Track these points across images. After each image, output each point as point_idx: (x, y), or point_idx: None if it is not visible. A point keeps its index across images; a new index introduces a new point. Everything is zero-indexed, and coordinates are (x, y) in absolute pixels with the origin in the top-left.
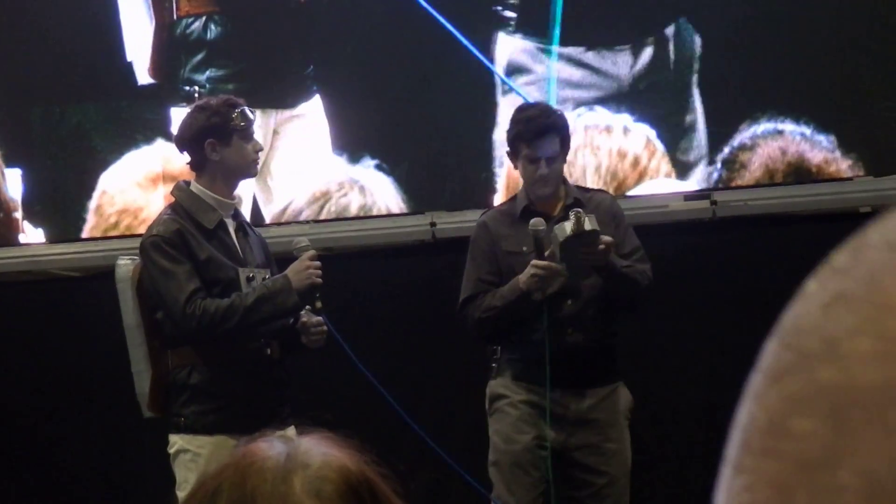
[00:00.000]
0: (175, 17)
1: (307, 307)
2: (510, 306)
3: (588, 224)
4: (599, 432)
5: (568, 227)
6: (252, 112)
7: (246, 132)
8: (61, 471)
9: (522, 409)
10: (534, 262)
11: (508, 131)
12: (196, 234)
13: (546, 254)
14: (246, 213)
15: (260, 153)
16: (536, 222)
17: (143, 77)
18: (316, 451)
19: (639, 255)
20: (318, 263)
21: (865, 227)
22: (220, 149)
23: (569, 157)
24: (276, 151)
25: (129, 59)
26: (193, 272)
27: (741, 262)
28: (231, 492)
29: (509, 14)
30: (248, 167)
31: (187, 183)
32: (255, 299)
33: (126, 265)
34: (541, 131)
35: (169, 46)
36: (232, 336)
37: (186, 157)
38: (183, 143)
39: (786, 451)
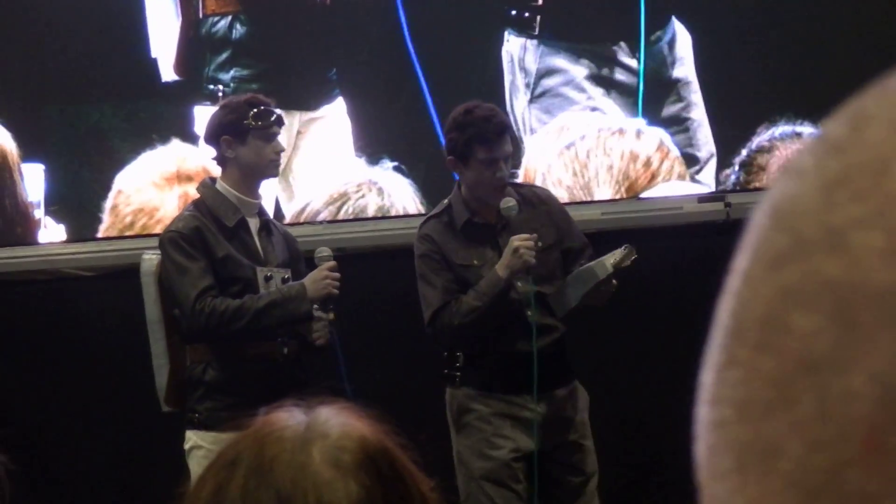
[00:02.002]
0: (201, 15)
1: (318, 309)
2: (493, 302)
3: (629, 260)
4: (573, 430)
5: (609, 262)
6: (275, 112)
7: (264, 132)
8: (73, 469)
9: (495, 423)
10: (515, 239)
11: (456, 135)
12: (216, 231)
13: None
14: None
15: (281, 154)
16: (509, 203)
17: (167, 75)
18: (335, 420)
19: (589, 251)
20: (336, 275)
21: (862, 96)
22: (236, 146)
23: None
24: (298, 151)
25: (153, 55)
26: (208, 270)
27: None
28: (250, 461)
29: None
30: (266, 167)
31: (213, 180)
32: (267, 303)
33: (150, 259)
34: (499, 131)
35: (195, 44)
36: (240, 337)
37: (207, 155)
38: (205, 138)
39: (786, 348)
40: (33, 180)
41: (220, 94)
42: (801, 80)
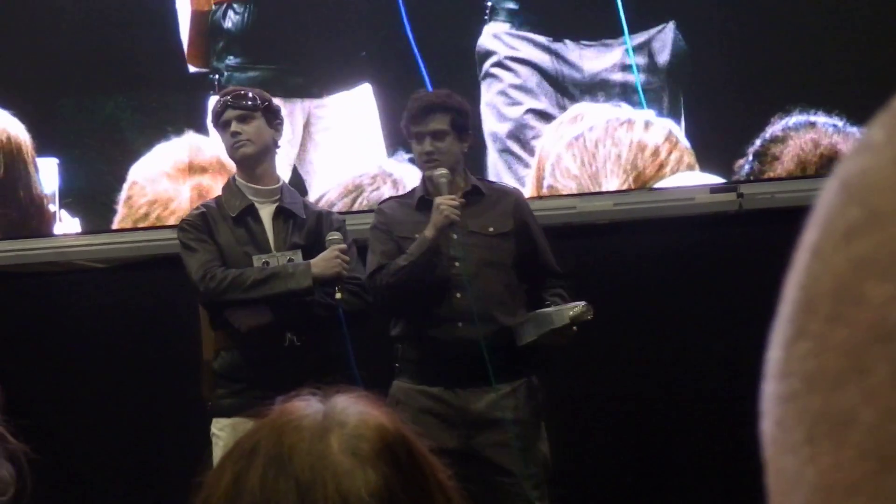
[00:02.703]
0: (213, 4)
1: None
2: (419, 261)
3: (587, 316)
4: (505, 430)
5: (568, 314)
6: (225, 98)
7: (220, 121)
8: (90, 459)
9: (420, 420)
10: (438, 198)
11: (402, 119)
12: (221, 219)
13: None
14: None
15: (237, 137)
16: (439, 170)
17: (180, 66)
18: (352, 409)
19: (550, 258)
20: (347, 257)
21: None
22: (221, 142)
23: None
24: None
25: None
26: (214, 249)
27: (768, 256)
28: (268, 450)
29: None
30: (230, 153)
31: (234, 178)
32: (268, 275)
33: None
34: (426, 108)
35: (210, 34)
36: (245, 306)
37: (218, 147)
38: None
39: (859, 318)
40: (48, 174)
41: (216, 82)
42: (815, 69)
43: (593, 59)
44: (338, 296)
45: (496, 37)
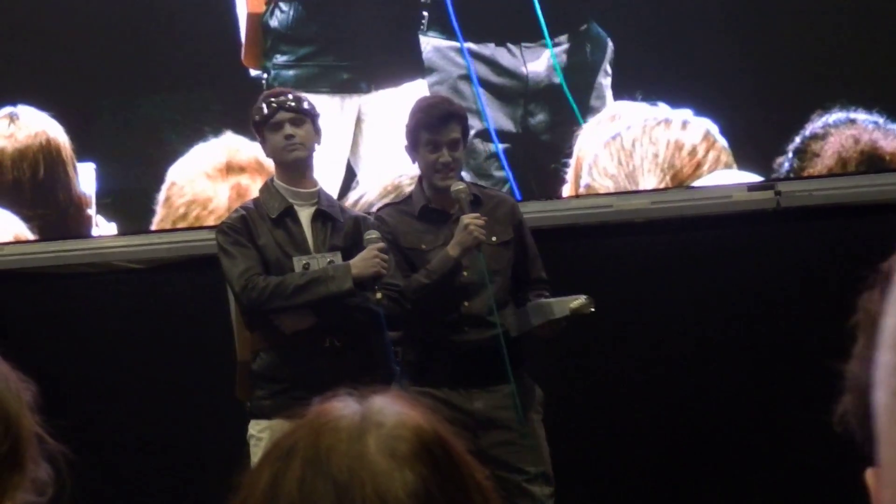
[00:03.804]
0: (265, 6)
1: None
2: (442, 280)
3: (588, 310)
4: (509, 429)
5: (569, 305)
6: (278, 99)
7: (271, 122)
8: (128, 459)
9: None
10: (465, 216)
11: (408, 122)
12: (261, 222)
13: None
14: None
15: (291, 138)
16: (458, 185)
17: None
18: (390, 409)
19: (539, 263)
20: (385, 256)
21: None
22: (265, 144)
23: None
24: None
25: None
26: (254, 254)
27: (806, 253)
28: (305, 451)
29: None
30: (281, 155)
31: (273, 179)
32: (309, 279)
33: None
34: (443, 117)
35: (263, 34)
36: (289, 311)
37: (257, 148)
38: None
39: None
40: (85, 178)
41: (263, 81)
42: (856, 66)
43: (535, 61)
44: (377, 296)
45: (437, 50)
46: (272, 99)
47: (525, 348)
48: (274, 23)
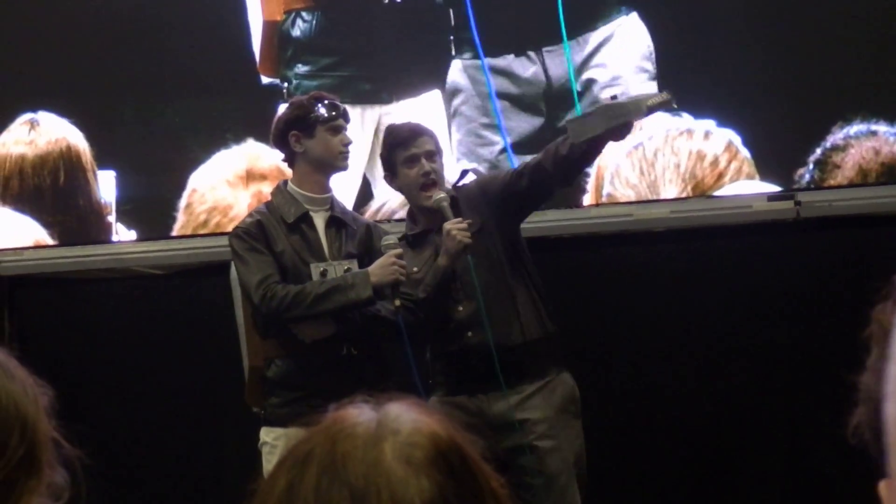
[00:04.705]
0: (282, 14)
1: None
2: (438, 292)
3: (671, 105)
4: (529, 431)
5: (646, 103)
6: (342, 106)
7: (332, 124)
8: (146, 465)
9: None
10: (447, 223)
11: (382, 150)
12: (277, 227)
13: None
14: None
15: (349, 147)
16: (438, 195)
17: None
18: (406, 416)
19: (520, 168)
20: (403, 263)
21: None
22: (304, 140)
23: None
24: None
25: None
26: (270, 261)
27: (825, 264)
28: (321, 457)
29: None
30: (335, 159)
31: (286, 183)
32: (328, 288)
33: None
34: (413, 130)
35: (279, 43)
36: (307, 320)
37: (278, 155)
38: (273, 138)
39: None
40: (105, 186)
41: (284, 90)
42: (876, 78)
43: (557, 65)
44: (396, 303)
45: (463, 71)
46: (329, 102)
47: (559, 347)
48: (296, 32)
